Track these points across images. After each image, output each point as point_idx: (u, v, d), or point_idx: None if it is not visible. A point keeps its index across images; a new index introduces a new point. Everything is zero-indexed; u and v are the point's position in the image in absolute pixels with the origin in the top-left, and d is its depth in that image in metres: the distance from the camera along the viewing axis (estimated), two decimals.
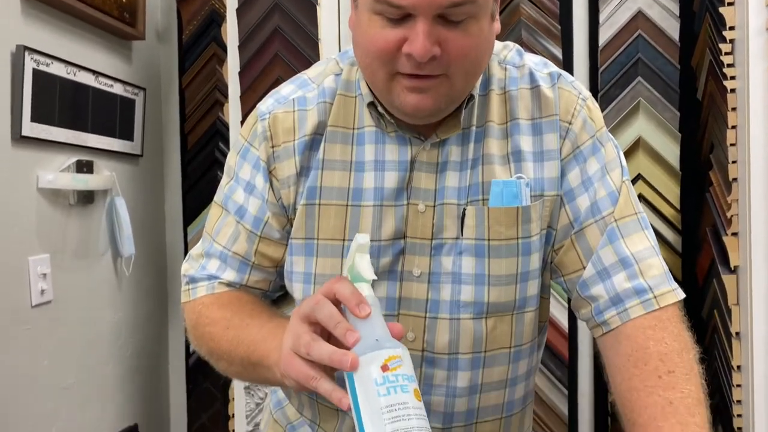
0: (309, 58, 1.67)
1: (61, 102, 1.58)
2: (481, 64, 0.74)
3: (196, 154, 2.01)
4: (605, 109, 1.60)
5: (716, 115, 1.53)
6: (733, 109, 1.44)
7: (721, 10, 1.45)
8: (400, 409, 0.56)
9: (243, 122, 0.87)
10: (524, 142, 0.78)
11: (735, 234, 1.44)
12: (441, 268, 0.78)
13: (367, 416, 0.56)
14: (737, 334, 1.43)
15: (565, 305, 1.62)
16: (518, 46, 0.84)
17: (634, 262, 0.76)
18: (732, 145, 1.44)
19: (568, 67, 1.63)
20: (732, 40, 1.45)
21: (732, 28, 1.44)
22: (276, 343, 0.68)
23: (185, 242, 2.03)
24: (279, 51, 1.71)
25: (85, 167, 1.65)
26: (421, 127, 0.78)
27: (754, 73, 1.38)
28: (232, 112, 1.73)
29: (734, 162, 1.44)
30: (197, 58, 2.00)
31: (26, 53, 1.45)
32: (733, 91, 1.44)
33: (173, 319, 2.09)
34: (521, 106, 0.79)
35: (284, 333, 0.66)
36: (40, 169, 1.53)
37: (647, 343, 0.73)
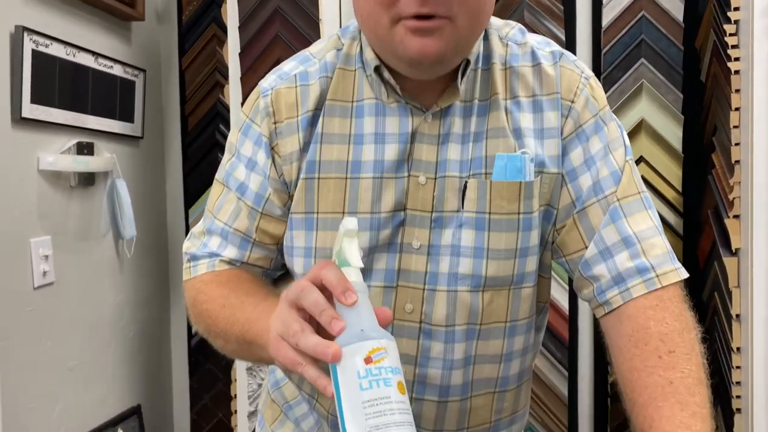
0: (310, 39, 1.65)
1: (61, 83, 1.57)
2: (485, 9, 0.73)
3: (196, 136, 2.01)
4: (608, 90, 1.59)
5: (719, 97, 1.52)
6: (737, 91, 1.43)
7: None
8: (382, 403, 0.54)
9: (243, 104, 0.86)
10: (524, 119, 0.78)
11: (737, 216, 1.44)
12: (441, 240, 0.78)
13: (349, 410, 0.55)
14: (737, 316, 1.43)
15: (566, 287, 1.62)
16: (520, 25, 0.84)
17: (637, 241, 0.76)
18: (735, 127, 1.43)
19: (570, 48, 1.62)
20: (737, 21, 1.44)
21: (737, 8, 1.43)
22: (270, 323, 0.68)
23: (186, 224, 2.03)
24: (279, 31, 1.70)
25: (85, 149, 1.65)
26: (422, 96, 0.77)
27: (759, 54, 1.37)
28: (233, 93, 1.72)
29: (737, 144, 1.43)
30: (197, 39, 1.99)
31: (25, 34, 1.44)
32: (737, 72, 1.43)
33: (175, 300, 2.09)
34: (522, 84, 0.79)
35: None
36: (41, 151, 1.52)
37: (648, 323, 0.73)
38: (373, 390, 0.54)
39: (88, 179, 1.68)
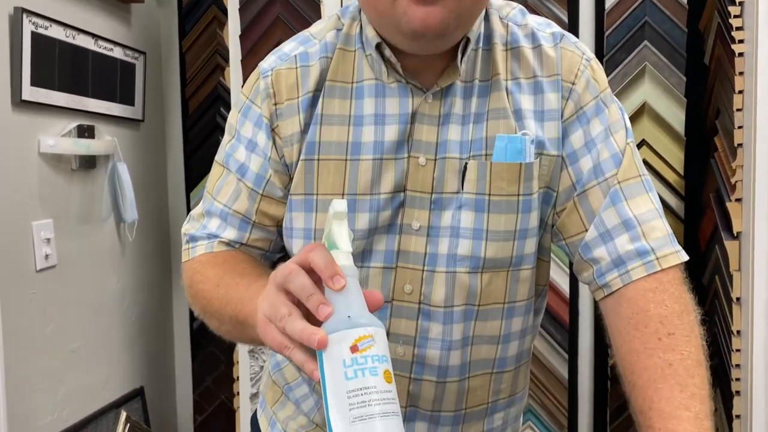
0: (310, 20, 1.64)
1: (61, 66, 1.57)
2: None
3: (197, 120, 2.00)
4: (610, 73, 1.58)
5: (723, 80, 1.51)
6: (741, 74, 1.42)
7: None
8: (367, 393, 0.53)
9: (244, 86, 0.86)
10: (525, 101, 0.78)
11: (738, 200, 1.43)
12: (440, 222, 0.78)
13: (333, 399, 0.54)
14: (738, 299, 1.43)
15: (567, 270, 1.62)
16: (521, 6, 0.83)
17: (637, 224, 0.76)
18: (738, 110, 1.42)
19: (573, 30, 1.60)
20: (741, 3, 1.42)
21: None
22: None
23: (188, 208, 2.03)
24: (280, 13, 1.69)
25: (86, 132, 1.65)
26: (423, 75, 0.77)
27: (763, 36, 1.35)
28: (233, 76, 1.71)
29: (740, 127, 1.42)
30: (197, 22, 1.97)
31: (24, 15, 1.43)
32: (741, 55, 1.42)
33: (177, 284, 2.10)
34: (523, 65, 0.78)
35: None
36: (41, 134, 1.52)
37: (648, 305, 0.73)
38: (358, 379, 0.53)
39: (89, 162, 1.68)
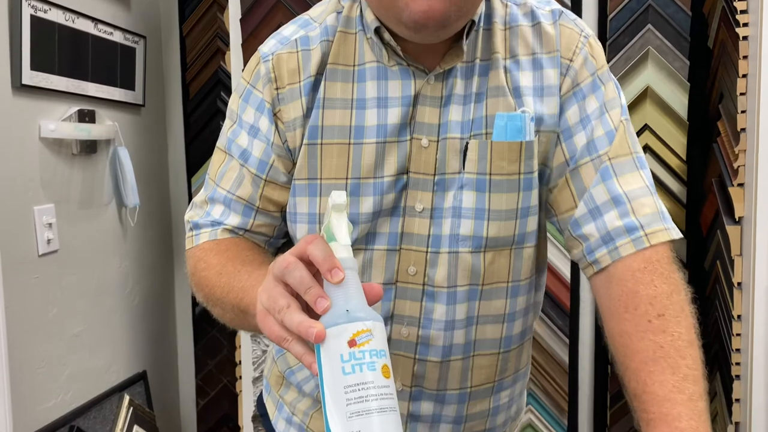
0: (310, 3, 1.63)
1: (61, 50, 1.56)
2: None
3: (198, 104, 1.99)
4: (613, 57, 1.57)
5: (727, 64, 1.50)
6: (745, 58, 1.41)
7: None
8: (364, 389, 0.53)
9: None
10: (524, 78, 0.78)
11: (741, 185, 1.43)
12: (443, 203, 0.78)
13: (330, 394, 0.54)
14: (739, 284, 1.44)
15: (568, 255, 1.63)
16: None
17: (627, 200, 0.76)
18: (742, 94, 1.41)
19: (576, 13, 1.59)
20: None
21: None
22: None
23: (189, 192, 2.03)
24: None
25: (87, 117, 1.64)
26: (424, 58, 0.77)
27: None
28: (234, 60, 1.70)
29: (743, 112, 1.42)
30: (198, 5, 1.96)
31: None
32: (746, 38, 1.41)
33: (179, 268, 2.11)
34: (522, 43, 0.78)
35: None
36: (42, 119, 1.52)
37: (637, 286, 0.73)
38: (356, 374, 0.53)
39: (90, 147, 1.68)
